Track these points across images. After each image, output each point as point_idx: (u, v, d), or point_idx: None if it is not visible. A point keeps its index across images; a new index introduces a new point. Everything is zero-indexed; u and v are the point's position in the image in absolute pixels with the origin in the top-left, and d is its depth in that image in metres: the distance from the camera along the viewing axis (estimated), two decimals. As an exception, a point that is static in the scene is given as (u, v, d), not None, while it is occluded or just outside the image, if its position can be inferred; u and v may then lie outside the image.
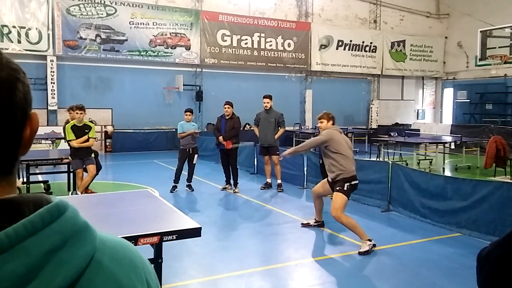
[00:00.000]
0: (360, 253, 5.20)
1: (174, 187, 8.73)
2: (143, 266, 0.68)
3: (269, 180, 9.30)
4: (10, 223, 0.54)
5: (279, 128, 8.97)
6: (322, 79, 20.39)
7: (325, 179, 5.97)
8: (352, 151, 5.78)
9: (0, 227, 0.54)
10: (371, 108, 21.58)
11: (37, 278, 0.52)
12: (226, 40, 17.93)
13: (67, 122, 8.11)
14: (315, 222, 6.36)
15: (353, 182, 5.51)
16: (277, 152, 9.07)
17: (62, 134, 8.67)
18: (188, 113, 8.75)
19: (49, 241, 0.55)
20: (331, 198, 8.05)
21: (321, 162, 7.69)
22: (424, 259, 5.11)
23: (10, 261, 0.52)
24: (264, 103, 9.01)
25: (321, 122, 5.91)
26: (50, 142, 12.44)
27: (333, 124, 5.89)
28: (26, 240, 0.53)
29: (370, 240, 5.29)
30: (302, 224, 6.44)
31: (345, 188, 5.44)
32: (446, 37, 22.78)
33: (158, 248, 3.14)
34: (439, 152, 13.18)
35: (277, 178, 9.07)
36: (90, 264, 0.58)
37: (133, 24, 16.17)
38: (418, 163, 12.11)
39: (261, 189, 9.19)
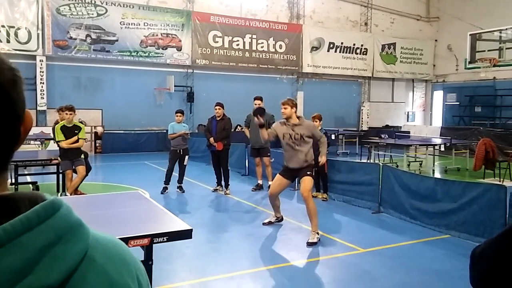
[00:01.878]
0: (308, 244, 5.55)
1: (165, 189, 8.68)
2: (134, 263, 0.70)
3: (260, 182, 9.29)
4: (8, 219, 0.55)
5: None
6: (313, 81, 20.45)
7: (278, 176, 6.16)
8: None
9: None
10: (362, 110, 21.69)
11: (33, 273, 0.53)
12: (217, 41, 17.90)
13: (57, 122, 8.03)
14: (276, 220, 6.60)
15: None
16: (268, 154, 9.09)
17: (52, 135, 8.58)
18: (179, 114, 8.72)
19: (44, 237, 0.56)
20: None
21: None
22: (414, 260, 5.14)
23: (8, 255, 0.53)
24: (255, 104, 8.99)
25: (285, 108, 5.88)
26: (39, 142, 12.34)
27: (296, 112, 5.99)
28: (23, 235, 0.55)
29: (318, 233, 5.72)
30: (263, 223, 6.59)
31: (313, 173, 6.05)
32: (436, 40, 23.00)
33: (148, 250, 3.11)
34: (429, 154, 13.28)
35: (268, 179, 9.05)
36: (83, 260, 0.60)
37: (124, 24, 16.08)
38: (408, 165, 12.20)
39: (252, 190, 9.18)
